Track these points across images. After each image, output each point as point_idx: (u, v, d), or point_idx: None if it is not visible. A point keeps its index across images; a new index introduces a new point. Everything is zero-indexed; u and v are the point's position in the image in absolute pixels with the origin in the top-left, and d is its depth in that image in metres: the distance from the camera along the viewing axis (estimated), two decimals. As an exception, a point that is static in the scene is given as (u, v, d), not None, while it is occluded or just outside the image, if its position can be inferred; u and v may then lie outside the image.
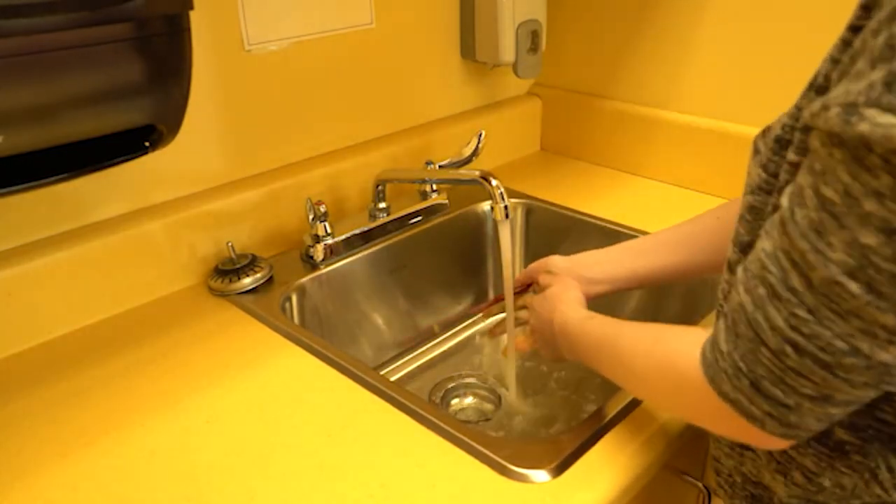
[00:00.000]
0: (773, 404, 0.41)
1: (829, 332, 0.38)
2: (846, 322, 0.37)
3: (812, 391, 0.40)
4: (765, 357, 0.41)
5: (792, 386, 0.40)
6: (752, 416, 0.43)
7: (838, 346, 0.38)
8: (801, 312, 0.38)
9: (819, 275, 0.37)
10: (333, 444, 0.64)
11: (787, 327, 0.39)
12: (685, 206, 1.10)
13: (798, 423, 0.42)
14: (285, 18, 0.92)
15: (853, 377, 0.38)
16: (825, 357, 0.38)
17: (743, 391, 0.42)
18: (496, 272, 1.14)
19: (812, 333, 0.38)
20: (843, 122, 0.34)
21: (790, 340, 0.39)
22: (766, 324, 0.40)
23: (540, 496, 0.57)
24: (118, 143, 0.67)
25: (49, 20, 0.55)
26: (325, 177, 1.01)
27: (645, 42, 1.15)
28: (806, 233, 0.37)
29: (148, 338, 0.80)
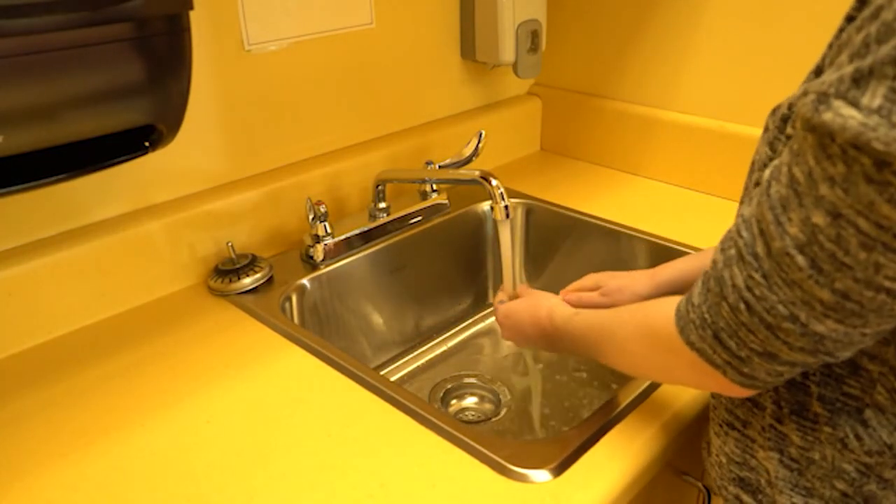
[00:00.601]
0: (730, 354, 0.46)
1: (775, 297, 0.42)
2: (791, 290, 0.41)
3: (758, 347, 0.44)
4: (724, 311, 0.45)
5: (743, 340, 0.45)
6: (715, 364, 0.47)
7: (780, 311, 0.42)
8: (757, 276, 0.42)
9: (776, 245, 0.41)
10: (333, 444, 0.64)
11: (744, 287, 0.43)
12: (685, 206, 1.10)
13: (752, 374, 0.46)
14: (285, 18, 0.92)
15: (791, 341, 0.43)
16: (769, 318, 0.42)
17: (707, 340, 0.47)
18: (496, 272, 1.14)
19: (762, 296, 0.42)
20: (813, 110, 0.37)
21: (744, 299, 0.43)
22: (730, 282, 0.44)
23: (540, 496, 0.57)
24: (118, 143, 0.67)
25: (49, 20, 0.55)
26: (325, 177, 1.01)
27: (645, 42, 1.15)
28: (774, 205, 0.41)
29: (148, 338, 0.80)
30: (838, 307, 0.40)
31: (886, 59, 0.34)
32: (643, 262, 1.01)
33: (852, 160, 0.36)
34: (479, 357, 1.06)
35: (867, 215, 0.36)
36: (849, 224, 0.37)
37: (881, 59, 0.34)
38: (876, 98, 0.34)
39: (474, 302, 1.14)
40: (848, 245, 0.38)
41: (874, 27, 0.35)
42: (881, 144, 0.34)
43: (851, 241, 0.37)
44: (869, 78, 0.34)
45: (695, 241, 0.96)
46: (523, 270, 1.14)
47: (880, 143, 0.34)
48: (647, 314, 0.55)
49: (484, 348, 1.08)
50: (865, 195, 0.36)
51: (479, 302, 1.15)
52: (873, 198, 0.36)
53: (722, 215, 1.06)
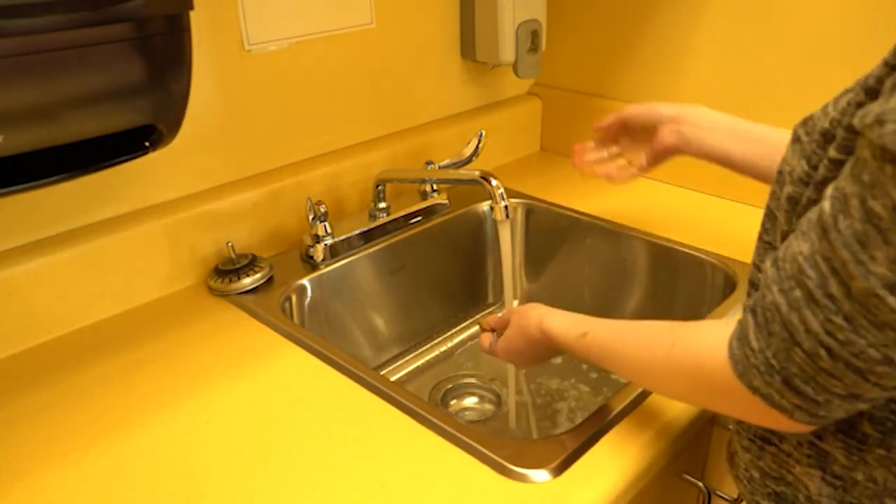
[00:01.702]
0: (803, 400, 0.43)
1: (864, 342, 0.38)
2: (882, 333, 0.38)
3: (842, 391, 0.41)
4: (798, 357, 0.42)
5: (823, 385, 0.41)
6: (783, 408, 0.44)
7: (871, 355, 0.39)
8: (838, 319, 0.39)
9: (858, 285, 0.38)
10: (333, 444, 0.64)
11: (823, 332, 0.40)
12: (685, 206, 1.10)
13: (826, 416, 0.44)
14: (285, 18, 0.92)
15: (884, 382, 0.40)
16: (858, 363, 0.39)
17: (774, 387, 0.44)
18: (496, 272, 1.14)
19: (847, 340, 0.39)
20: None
21: (825, 345, 0.40)
22: (802, 326, 0.41)
23: (540, 496, 0.57)
24: (118, 143, 0.67)
25: (49, 20, 0.55)
26: (325, 177, 1.01)
27: (645, 42, 1.15)
28: (849, 243, 0.38)
29: (148, 338, 0.80)
30: None
31: None
32: (643, 262, 1.01)
33: None
34: (479, 357, 1.06)
35: None
36: None
37: None
38: None
39: (474, 302, 1.14)
40: None
41: None
42: None
43: None
44: None
45: (695, 241, 0.96)
46: (523, 270, 1.14)
47: None
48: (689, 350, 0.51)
49: (484, 348, 1.08)
50: None
51: (479, 302, 1.15)
52: None
53: (722, 215, 1.06)
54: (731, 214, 1.06)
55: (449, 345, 1.08)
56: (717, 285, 0.93)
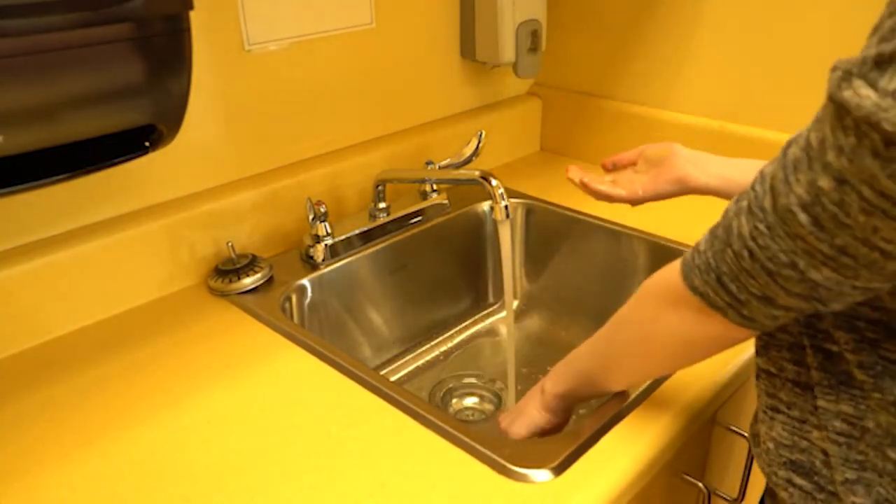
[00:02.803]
0: (730, 298, 0.50)
1: (777, 247, 0.45)
2: (792, 242, 0.44)
3: (757, 291, 0.48)
4: (728, 256, 0.49)
5: (744, 284, 0.48)
6: (717, 306, 0.51)
7: (781, 259, 0.45)
8: (762, 227, 0.46)
9: (781, 201, 0.44)
10: (333, 444, 0.64)
11: (749, 236, 0.47)
12: (685, 206, 1.10)
13: (750, 317, 0.50)
14: (285, 18, 0.92)
15: (788, 286, 0.46)
16: (770, 266, 0.46)
17: (710, 285, 0.51)
18: (496, 272, 1.14)
19: (764, 245, 0.46)
20: (836, 86, 0.39)
21: (748, 247, 0.47)
22: (737, 230, 0.48)
23: (540, 496, 0.57)
24: (118, 143, 0.67)
25: (49, 20, 0.55)
26: (325, 177, 1.01)
27: (645, 42, 1.15)
28: (787, 165, 0.44)
29: (148, 338, 0.80)
30: (835, 258, 0.43)
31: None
32: (643, 262, 1.01)
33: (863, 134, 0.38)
34: (479, 357, 1.06)
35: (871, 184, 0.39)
36: (852, 190, 0.40)
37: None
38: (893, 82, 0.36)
39: (474, 302, 1.14)
40: (849, 208, 0.40)
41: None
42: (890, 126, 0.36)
43: (853, 205, 0.40)
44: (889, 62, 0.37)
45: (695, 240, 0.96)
46: (523, 270, 1.14)
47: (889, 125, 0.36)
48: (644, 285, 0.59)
49: (484, 348, 1.08)
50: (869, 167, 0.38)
51: (479, 302, 1.15)
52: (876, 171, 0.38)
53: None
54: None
55: (449, 345, 1.08)
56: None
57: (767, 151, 1.06)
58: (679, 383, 0.70)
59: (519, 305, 1.14)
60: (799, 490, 0.55)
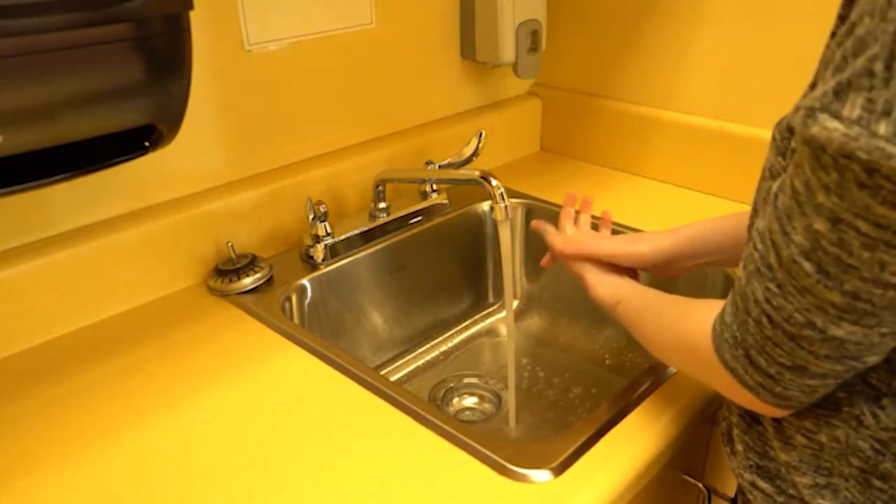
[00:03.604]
0: (761, 374, 0.47)
1: (791, 306, 0.43)
2: (803, 297, 0.42)
3: (787, 361, 0.45)
4: (750, 326, 0.46)
5: (771, 355, 0.45)
6: (748, 385, 0.48)
7: (798, 319, 0.43)
8: (773, 287, 0.43)
9: (784, 254, 0.42)
10: (333, 444, 0.64)
11: (763, 300, 0.44)
12: (685, 206, 1.10)
13: (784, 395, 0.47)
14: (285, 18, 0.92)
15: (814, 349, 0.43)
16: (789, 328, 0.43)
17: (739, 360, 0.48)
18: (496, 272, 1.14)
19: (779, 306, 0.43)
20: (803, 124, 0.39)
21: (765, 312, 0.44)
22: (752, 296, 0.45)
23: (540, 496, 0.57)
24: (118, 143, 0.67)
25: (49, 20, 0.55)
26: (325, 177, 1.01)
27: (645, 42, 1.15)
28: (780, 216, 0.42)
29: (148, 338, 0.80)
30: (850, 308, 0.41)
31: (861, 71, 0.36)
32: (643, 262, 1.01)
33: (843, 168, 0.37)
34: (479, 357, 1.06)
35: (865, 217, 0.38)
36: (849, 227, 0.38)
37: (857, 71, 0.36)
38: (855, 109, 0.36)
39: (474, 302, 1.14)
40: (850, 247, 0.39)
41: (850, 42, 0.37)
42: (864, 153, 0.35)
43: (853, 243, 0.39)
44: (847, 90, 0.36)
45: (695, 241, 0.96)
46: (523, 270, 1.14)
47: (863, 153, 0.35)
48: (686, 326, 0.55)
49: (484, 348, 1.08)
50: (860, 199, 0.37)
51: (479, 302, 1.15)
52: (868, 201, 0.37)
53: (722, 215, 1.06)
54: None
55: (449, 345, 1.08)
56: (717, 285, 0.93)
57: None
58: (679, 383, 0.70)
59: (519, 305, 1.14)
60: (762, 493, 0.55)
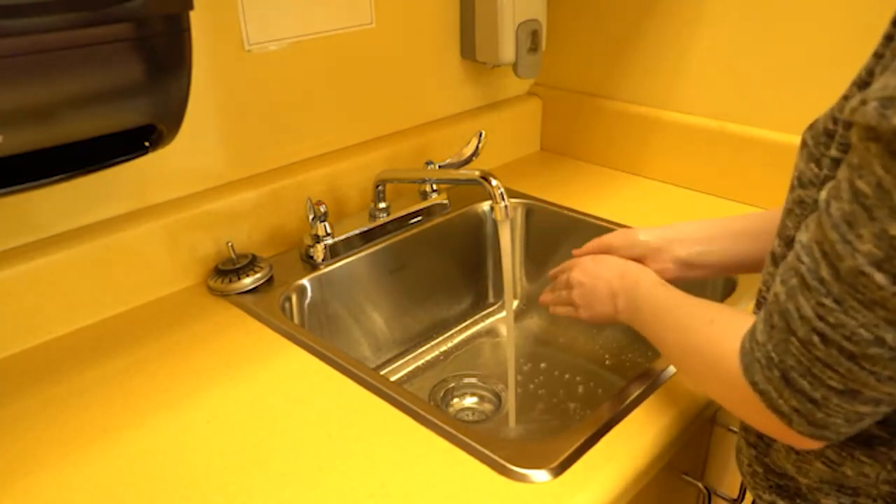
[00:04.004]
0: (800, 399, 0.42)
1: (854, 322, 0.38)
2: (871, 312, 0.37)
3: (838, 384, 0.40)
4: (794, 347, 0.41)
5: (819, 377, 0.41)
6: (780, 412, 0.44)
7: (863, 336, 0.38)
8: (828, 302, 0.39)
9: (846, 265, 0.38)
10: (333, 444, 0.64)
11: (815, 317, 0.39)
12: (685, 206, 1.10)
13: (825, 423, 0.42)
14: (285, 18, 0.92)
15: (878, 369, 0.39)
16: (850, 347, 0.38)
17: (773, 382, 0.43)
18: (496, 272, 1.14)
19: (838, 323, 0.39)
20: (880, 116, 0.34)
21: (817, 330, 0.40)
22: (796, 313, 0.41)
23: (540, 496, 0.57)
24: (118, 143, 0.67)
25: (49, 20, 0.55)
26: (325, 177, 1.01)
27: (645, 42, 1.15)
28: (837, 224, 0.38)
29: (148, 338, 0.80)
30: None
31: None
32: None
33: None
34: (479, 357, 1.06)
35: None
36: None
37: None
38: None
39: (474, 302, 1.14)
40: None
41: None
42: None
43: None
44: None
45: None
46: (523, 270, 1.14)
47: None
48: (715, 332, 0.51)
49: (484, 348, 1.08)
50: None
51: (479, 302, 1.15)
52: None
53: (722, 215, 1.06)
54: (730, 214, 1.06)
55: (449, 345, 1.08)
56: (717, 285, 0.93)
57: (767, 151, 1.06)
58: (679, 383, 0.70)
59: (519, 305, 1.14)
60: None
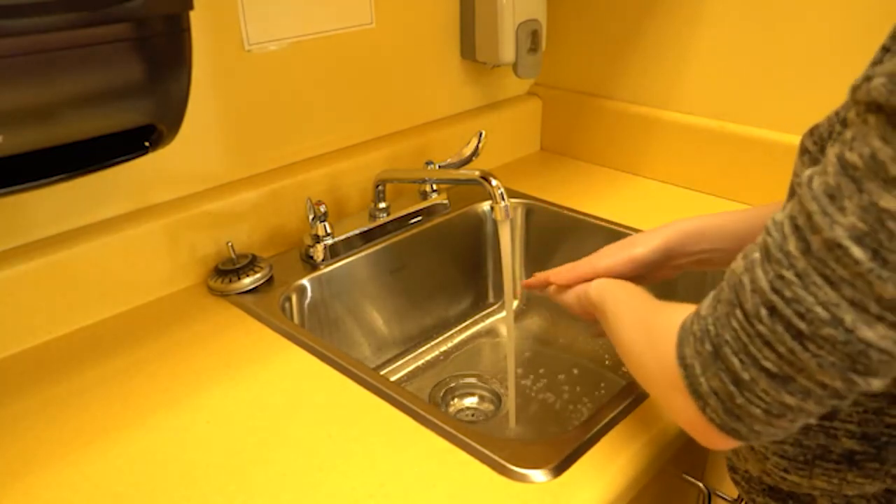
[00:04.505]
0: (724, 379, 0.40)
1: (813, 299, 0.36)
2: (835, 291, 0.35)
3: (773, 366, 0.38)
4: (736, 320, 0.39)
5: (754, 356, 0.38)
6: (697, 392, 0.42)
7: (818, 314, 0.36)
8: (789, 275, 0.37)
9: (822, 237, 0.36)
10: (333, 444, 0.64)
11: (770, 289, 0.38)
12: (685, 206, 1.10)
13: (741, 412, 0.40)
14: (285, 18, 0.92)
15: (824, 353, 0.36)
16: (800, 324, 0.36)
17: (702, 356, 0.41)
18: (496, 272, 1.14)
19: (794, 297, 0.36)
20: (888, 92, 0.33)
21: (768, 303, 0.38)
22: (750, 286, 0.39)
23: (540, 496, 0.57)
24: (118, 143, 0.67)
25: (49, 20, 0.55)
26: (325, 177, 1.01)
27: (645, 42, 1.15)
28: (818, 196, 0.36)
29: (148, 338, 0.80)
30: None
31: None
32: (643, 262, 1.01)
33: None
34: (479, 357, 1.06)
35: None
36: None
37: None
38: None
39: (474, 302, 1.14)
40: None
41: None
42: None
43: None
44: None
45: (695, 241, 0.96)
46: (523, 270, 1.14)
47: None
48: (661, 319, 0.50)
49: (484, 348, 1.08)
50: None
51: (479, 302, 1.15)
52: None
53: (722, 215, 1.06)
54: (731, 214, 1.06)
55: (449, 345, 1.08)
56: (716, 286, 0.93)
57: (767, 151, 1.06)
58: (679, 383, 0.70)
59: (519, 305, 1.14)
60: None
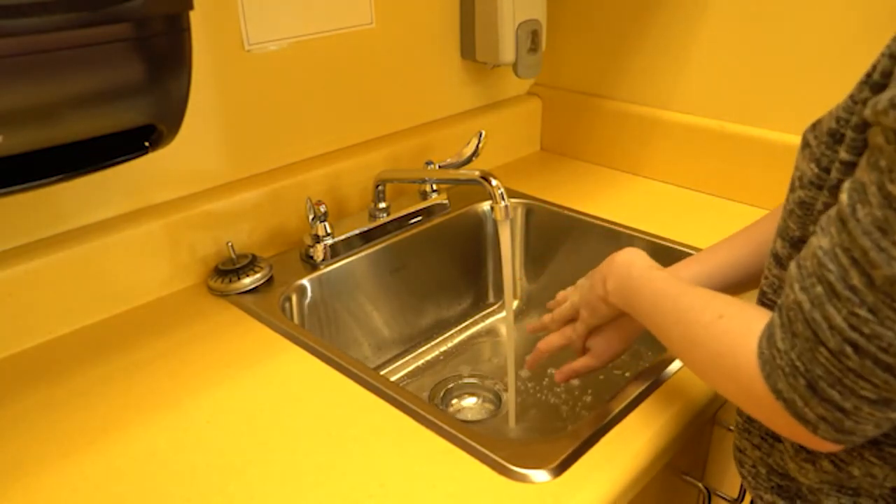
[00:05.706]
0: (828, 408, 0.41)
1: (892, 333, 0.37)
2: None
3: (872, 394, 0.39)
4: (823, 357, 0.40)
5: (850, 388, 0.39)
6: (805, 419, 0.42)
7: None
8: (862, 312, 0.37)
9: (882, 273, 0.36)
10: (333, 444, 0.64)
11: (847, 327, 0.38)
12: (685, 206, 1.10)
13: (853, 430, 0.41)
14: (285, 18, 0.92)
15: None
16: (886, 358, 0.37)
17: (798, 391, 0.41)
18: (496, 272, 1.14)
19: (873, 334, 0.37)
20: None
21: (850, 341, 0.38)
22: (825, 323, 0.39)
23: (540, 496, 0.57)
24: (118, 143, 0.67)
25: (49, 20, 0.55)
26: (325, 177, 1.01)
27: (645, 42, 1.15)
28: (869, 230, 0.37)
29: (148, 338, 0.80)
30: None
31: None
32: (643, 262, 1.01)
33: None
34: (479, 357, 1.06)
35: None
36: None
37: None
38: None
39: (474, 302, 1.14)
40: None
41: None
42: None
43: None
44: None
45: (695, 241, 0.96)
46: (523, 270, 1.14)
47: None
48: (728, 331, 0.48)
49: (484, 348, 1.08)
50: None
51: (479, 302, 1.15)
52: None
53: (722, 215, 1.06)
54: (731, 215, 1.06)
55: (449, 345, 1.08)
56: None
57: (767, 151, 1.06)
58: (679, 383, 0.70)
59: (519, 305, 1.14)
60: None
